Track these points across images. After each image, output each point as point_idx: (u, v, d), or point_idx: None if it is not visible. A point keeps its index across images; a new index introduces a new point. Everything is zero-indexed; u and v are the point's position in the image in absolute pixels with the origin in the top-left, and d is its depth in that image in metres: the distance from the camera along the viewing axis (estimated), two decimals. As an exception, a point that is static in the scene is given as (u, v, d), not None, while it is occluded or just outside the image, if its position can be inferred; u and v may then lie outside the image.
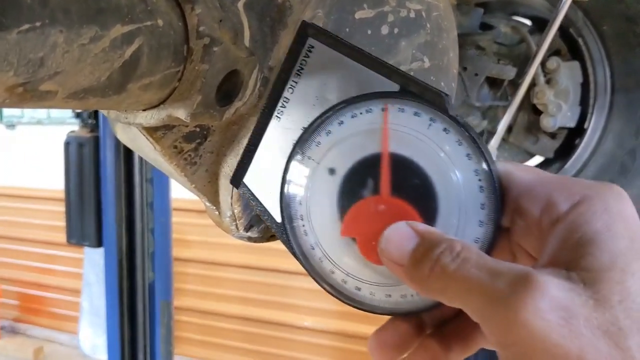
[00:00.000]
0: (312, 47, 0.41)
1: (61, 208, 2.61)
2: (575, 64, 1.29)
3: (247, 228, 0.57)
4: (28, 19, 0.30)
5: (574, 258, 0.32)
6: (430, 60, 0.52)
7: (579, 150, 1.29)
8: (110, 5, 0.35)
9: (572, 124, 1.31)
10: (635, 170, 1.21)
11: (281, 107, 0.42)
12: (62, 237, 2.59)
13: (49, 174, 3.75)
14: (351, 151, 0.40)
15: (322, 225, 0.41)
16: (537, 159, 1.41)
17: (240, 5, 0.46)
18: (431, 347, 0.41)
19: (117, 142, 2.35)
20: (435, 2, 0.53)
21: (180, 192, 2.71)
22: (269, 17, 0.48)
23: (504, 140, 1.33)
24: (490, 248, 0.38)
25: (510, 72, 1.24)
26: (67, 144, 2.53)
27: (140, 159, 2.42)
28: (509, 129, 1.34)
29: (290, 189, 0.42)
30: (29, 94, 0.33)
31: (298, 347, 3.38)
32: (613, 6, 1.22)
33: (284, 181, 0.42)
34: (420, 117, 0.38)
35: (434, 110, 0.38)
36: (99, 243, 2.52)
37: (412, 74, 0.52)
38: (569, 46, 1.31)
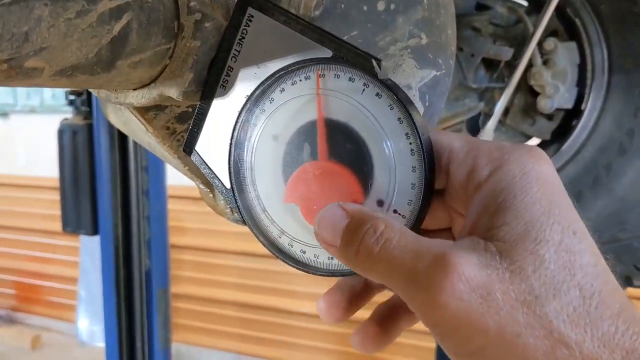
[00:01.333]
0: (252, 16, 0.42)
1: (57, 197, 2.59)
2: (573, 45, 1.28)
3: (242, 211, 0.56)
4: None
5: (492, 227, 0.33)
6: (428, 37, 0.51)
7: (576, 132, 1.28)
8: (96, -21, 0.34)
9: (569, 105, 1.30)
10: (633, 151, 1.21)
11: (226, 76, 0.43)
12: (58, 225, 2.58)
13: (43, 162, 3.73)
14: (292, 118, 0.41)
15: (267, 190, 0.42)
16: (534, 141, 1.41)
17: (232, -20, 0.45)
18: (378, 320, 0.43)
19: (112, 130, 2.33)
20: (432, -22, 0.52)
21: (176, 179, 2.70)
22: (261, -7, 0.47)
23: (500, 122, 1.32)
24: (422, 210, 0.38)
25: (507, 53, 1.23)
26: (60, 132, 2.51)
27: (135, 146, 2.41)
28: (506, 111, 1.33)
29: (237, 155, 0.43)
30: (14, 70, 0.32)
31: (296, 333, 3.39)
32: (611, -15, 1.20)
33: (231, 149, 0.43)
34: (354, 82, 0.39)
35: (365, 75, 0.38)
36: (94, 231, 2.51)
37: (409, 50, 0.52)
38: (566, 27, 1.30)
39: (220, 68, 0.42)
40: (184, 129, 0.49)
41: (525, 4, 1.38)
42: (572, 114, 1.32)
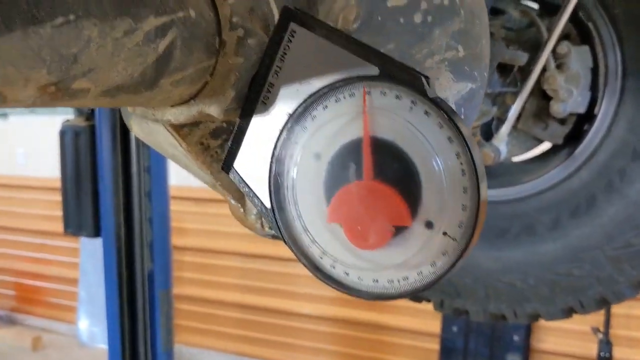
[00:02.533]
0: (295, 31, 0.40)
1: (56, 197, 2.58)
2: (586, 49, 1.27)
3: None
4: (62, 12, 0.28)
5: None
6: (465, 49, 0.50)
7: (589, 136, 1.27)
8: (142, -4, 0.33)
9: (582, 109, 1.29)
10: (647, 156, 1.20)
11: (267, 92, 0.41)
12: (58, 226, 2.56)
13: (43, 163, 3.70)
14: (335, 136, 0.40)
15: (309, 210, 0.41)
16: (546, 145, 1.40)
17: (270, -7, 0.44)
18: None
19: (114, 131, 2.32)
20: (469, -12, 0.51)
21: (177, 179, 2.68)
22: (298, 5, 0.46)
23: (512, 126, 1.31)
24: (474, 233, 0.37)
25: (522, 58, 1.22)
26: (62, 133, 2.50)
27: (138, 147, 2.40)
28: (518, 116, 1.32)
29: (277, 174, 0.41)
30: (61, 92, 0.31)
31: (297, 334, 3.38)
32: (625, -11, 1.19)
33: (271, 166, 0.41)
34: (402, 100, 0.38)
35: (415, 93, 0.37)
36: (96, 233, 2.50)
37: (446, 63, 0.50)
38: (579, 30, 1.29)
39: (261, 84, 0.41)
40: (218, 145, 0.48)
41: (536, 6, 1.37)
42: (585, 119, 1.31)
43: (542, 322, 1.32)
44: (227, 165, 0.43)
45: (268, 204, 0.43)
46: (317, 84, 0.40)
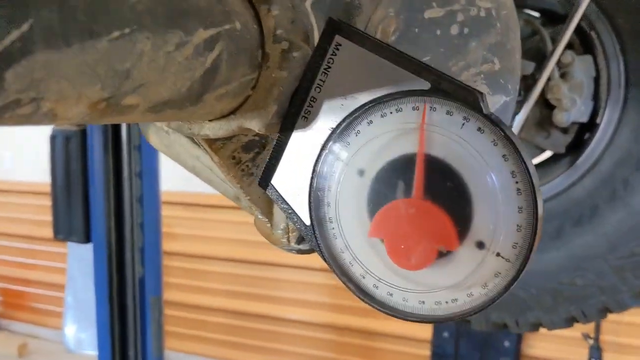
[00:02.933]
0: (340, 44, 0.39)
1: (44, 202, 2.54)
2: (589, 58, 1.27)
3: (299, 240, 0.54)
4: (119, 25, 0.26)
5: None
6: (500, 62, 0.49)
7: (592, 145, 1.27)
8: (191, 7, 0.31)
9: (585, 118, 1.29)
10: (652, 165, 1.20)
11: (308, 106, 0.40)
12: (44, 231, 2.53)
13: (30, 167, 3.66)
14: (381, 152, 0.38)
15: (351, 227, 0.40)
16: (547, 154, 1.40)
17: (308, 4, 0.42)
18: None
19: (105, 136, 2.29)
20: (503, 0, 0.50)
21: (166, 184, 2.65)
22: (335, 16, 0.44)
23: (515, 135, 1.31)
24: (529, 254, 0.36)
25: (529, 67, 1.21)
26: (53, 138, 2.46)
27: (129, 152, 2.37)
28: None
29: (318, 190, 0.40)
30: (110, 108, 0.29)
31: (286, 340, 3.36)
32: (628, 0, 1.20)
33: (312, 183, 0.40)
34: (453, 116, 0.36)
35: (466, 109, 0.36)
36: (87, 239, 2.46)
37: (482, 76, 0.49)
38: (581, 40, 1.29)
39: (303, 99, 0.40)
40: (249, 158, 0.46)
41: (538, 15, 1.37)
42: (587, 128, 1.31)
43: (534, 328, 1.32)
44: (265, 181, 0.42)
45: (307, 221, 0.41)
46: (362, 98, 0.38)
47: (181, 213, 3.46)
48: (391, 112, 0.38)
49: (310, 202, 0.40)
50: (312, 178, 0.40)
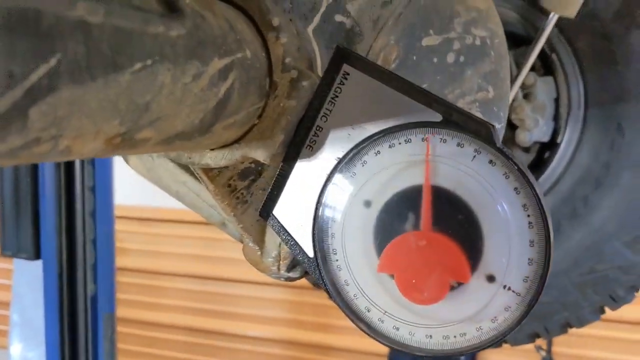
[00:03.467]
0: (348, 73, 0.39)
1: (-10, 217, 2.44)
2: (550, 79, 1.30)
3: (289, 268, 0.53)
4: (141, 56, 0.25)
5: None
6: (494, 89, 0.49)
7: (553, 164, 1.30)
8: (207, 36, 0.30)
9: (546, 138, 1.32)
10: (610, 184, 1.23)
11: (314, 136, 0.39)
12: (-10, 248, 2.42)
13: (-26, 179, 3.52)
14: (388, 183, 0.38)
15: (357, 260, 0.39)
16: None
17: (310, 30, 0.41)
18: None
19: (58, 148, 2.22)
20: (496, 29, 0.50)
21: (120, 198, 2.59)
22: (335, 43, 0.44)
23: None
24: (540, 287, 0.36)
25: (495, 88, 1.23)
26: (1, 150, 2.37)
27: (82, 165, 2.31)
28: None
29: (323, 222, 0.39)
30: (124, 143, 0.28)
31: (245, 357, 3.31)
32: (588, 23, 1.23)
33: (316, 214, 0.39)
34: (464, 148, 0.36)
35: (478, 141, 0.36)
36: (36, 255, 2.38)
37: (477, 104, 0.49)
38: (543, 62, 1.32)
39: (308, 128, 0.39)
40: (244, 186, 0.45)
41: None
42: (548, 147, 1.34)
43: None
44: (266, 211, 0.40)
45: (310, 253, 0.40)
46: (370, 128, 0.38)
47: (135, 228, 3.38)
48: (400, 143, 0.37)
49: (314, 234, 0.39)
50: (316, 209, 0.39)
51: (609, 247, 1.23)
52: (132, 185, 3.24)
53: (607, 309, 1.27)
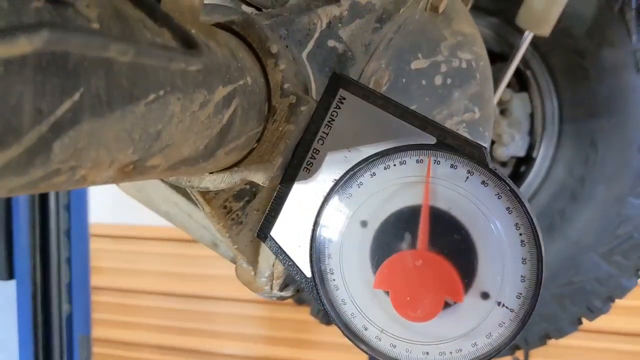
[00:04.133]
0: (344, 98, 0.40)
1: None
2: (525, 95, 1.33)
3: (282, 287, 0.53)
4: (154, 88, 0.26)
5: None
6: (480, 110, 0.51)
7: (529, 178, 1.33)
8: (214, 65, 0.31)
9: (522, 153, 1.35)
10: (585, 197, 1.26)
11: (311, 158, 0.40)
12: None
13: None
14: (384, 204, 0.39)
15: (354, 279, 0.40)
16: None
17: (304, 55, 0.43)
18: None
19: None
20: (481, 52, 0.52)
21: (95, 217, 2.56)
22: (328, 67, 0.45)
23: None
24: (534, 302, 0.37)
25: (472, 104, 1.26)
26: (-26, 169, 2.34)
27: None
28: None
29: (320, 242, 0.40)
30: (135, 170, 0.28)
31: (222, 375, 3.28)
32: (561, 40, 1.27)
33: (313, 235, 0.40)
34: (457, 169, 0.38)
35: (471, 163, 0.37)
36: (9, 275, 2.34)
37: (464, 125, 0.51)
38: (518, 78, 1.36)
39: (306, 150, 0.40)
40: (240, 207, 0.46)
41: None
42: (524, 162, 1.37)
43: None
44: (264, 233, 0.41)
45: (308, 273, 0.41)
46: (366, 151, 0.39)
47: (110, 246, 3.34)
48: (395, 165, 0.39)
49: (311, 254, 0.40)
50: (313, 230, 0.40)
51: (586, 259, 1.26)
52: (107, 204, 3.21)
53: (584, 320, 1.29)
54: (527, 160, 1.36)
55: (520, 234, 0.37)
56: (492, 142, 1.34)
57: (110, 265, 3.38)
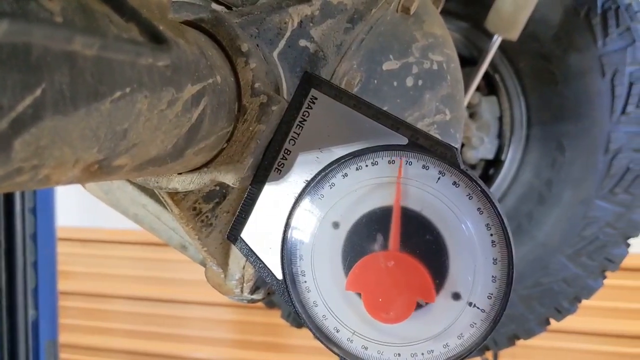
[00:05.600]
0: (316, 98, 0.40)
1: None
2: (494, 99, 1.35)
3: (253, 290, 0.53)
4: (120, 84, 0.25)
5: None
6: (451, 112, 0.51)
7: (497, 181, 1.34)
8: (181, 63, 0.30)
9: (490, 155, 1.36)
10: (552, 200, 1.28)
11: (282, 159, 0.40)
12: None
13: None
14: (356, 205, 0.39)
15: (325, 281, 0.40)
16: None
17: (275, 55, 0.42)
18: None
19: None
20: (452, 54, 0.52)
21: (62, 220, 2.52)
22: (299, 67, 0.45)
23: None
24: (504, 302, 0.38)
25: (442, 107, 1.27)
26: None
27: (22, 186, 2.23)
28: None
29: (291, 244, 0.40)
30: (100, 170, 0.27)
31: (193, 380, 3.24)
32: (529, 45, 1.29)
33: (285, 236, 0.40)
34: (429, 170, 0.38)
35: (442, 163, 0.37)
36: (-27, 281, 2.28)
37: (435, 126, 0.51)
38: (486, 82, 1.37)
39: (277, 151, 0.39)
40: (209, 209, 0.45)
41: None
42: (492, 164, 1.39)
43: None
44: (234, 235, 0.41)
45: (279, 275, 0.40)
46: (338, 151, 0.39)
47: (78, 250, 3.29)
48: (367, 166, 0.38)
49: (282, 256, 0.40)
50: (285, 231, 0.39)
51: (553, 260, 1.28)
52: (75, 206, 3.15)
53: (552, 320, 1.31)
54: (495, 163, 1.38)
55: (491, 235, 0.37)
56: (462, 145, 1.35)
57: (79, 270, 3.32)
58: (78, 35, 0.19)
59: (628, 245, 1.23)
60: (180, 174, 0.38)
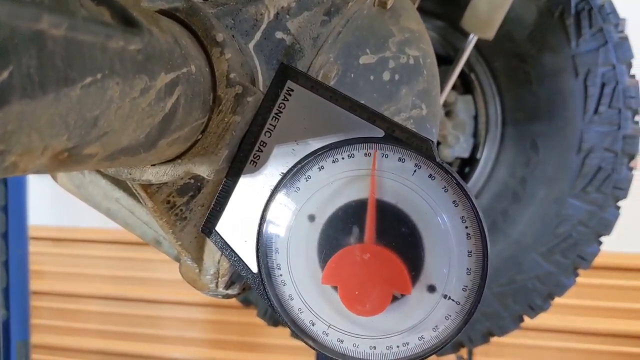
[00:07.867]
0: (292, 90, 0.39)
1: None
2: (469, 98, 1.36)
3: (228, 285, 0.52)
4: (91, 70, 0.24)
5: None
6: (427, 107, 0.51)
7: (473, 179, 1.35)
8: (155, 51, 0.30)
9: (466, 154, 1.37)
10: (526, 198, 1.30)
11: (257, 151, 0.40)
12: None
13: None
14: (332, 198, 0.39)
15: (301, 273, 0.40)
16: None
17: (251, 46, 0.42)
18: None
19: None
20: (428, 49, 0.52)
21: (34, 218, 2.48)
22: (275, 59, 0.44)
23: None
24: (478, 296, 0.38)
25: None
26: None
27: (-8, 184, 2.19)
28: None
29: (267, 237, 0.40)
30: (70, 159, 0.27)
31: (167, 380, 3.22)
32: (504, 44, 1.30)
33: (260, 229, 0.40)
34: (405, 163, 0.38)
35: (418, 156, 0.37)
36: (-58, 280, 2.24)
37: (411, 121, 0.51)
38: (462, 81, 1.38)
39: (252, 143, 0.39)
40: (184, 202, 0.44)
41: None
42: (468, 163, 1.40)
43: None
44: (209, 228, 0.40)
45: (254, 269, 0.40)
46: (314, 144, 0.38)
47: (51, 249, 3.24)
48: (343, 158, 0.38)
49: (258, 249, 0.39)
50: (260, 224, 0.39)
51: (527, 258, 1.29)
52: (47, 205, 3.10)
53: (526, 318, 1.32)
54: (471, 162, 1.39)
55: (466, 227, 0.37)
56: (438, 143, 1.35)
57: (51, 269, 3.27)
58: (45, 13, 0.19)
59: (600, 243, 1.25)
60: (153, 165, 0.38)
